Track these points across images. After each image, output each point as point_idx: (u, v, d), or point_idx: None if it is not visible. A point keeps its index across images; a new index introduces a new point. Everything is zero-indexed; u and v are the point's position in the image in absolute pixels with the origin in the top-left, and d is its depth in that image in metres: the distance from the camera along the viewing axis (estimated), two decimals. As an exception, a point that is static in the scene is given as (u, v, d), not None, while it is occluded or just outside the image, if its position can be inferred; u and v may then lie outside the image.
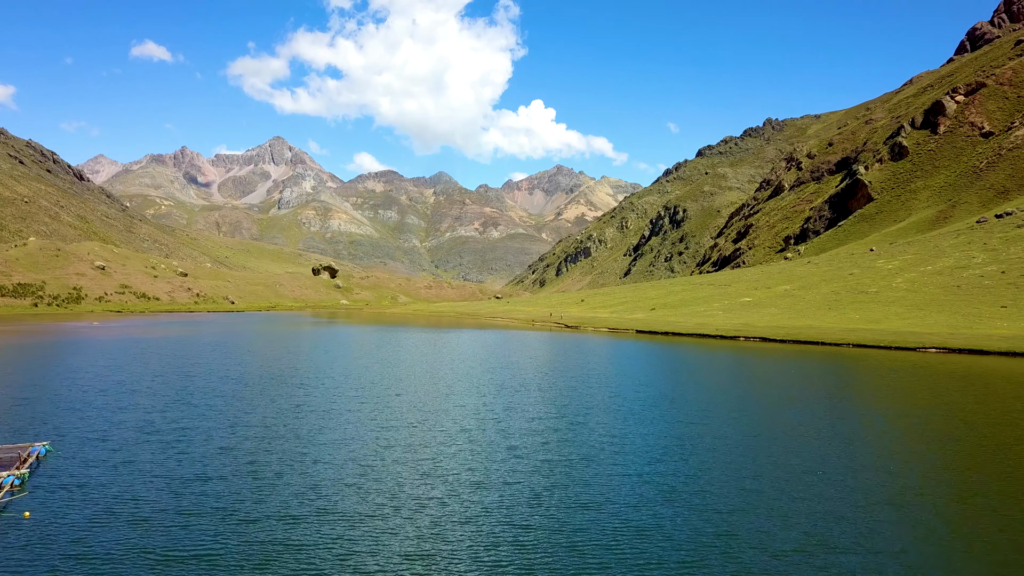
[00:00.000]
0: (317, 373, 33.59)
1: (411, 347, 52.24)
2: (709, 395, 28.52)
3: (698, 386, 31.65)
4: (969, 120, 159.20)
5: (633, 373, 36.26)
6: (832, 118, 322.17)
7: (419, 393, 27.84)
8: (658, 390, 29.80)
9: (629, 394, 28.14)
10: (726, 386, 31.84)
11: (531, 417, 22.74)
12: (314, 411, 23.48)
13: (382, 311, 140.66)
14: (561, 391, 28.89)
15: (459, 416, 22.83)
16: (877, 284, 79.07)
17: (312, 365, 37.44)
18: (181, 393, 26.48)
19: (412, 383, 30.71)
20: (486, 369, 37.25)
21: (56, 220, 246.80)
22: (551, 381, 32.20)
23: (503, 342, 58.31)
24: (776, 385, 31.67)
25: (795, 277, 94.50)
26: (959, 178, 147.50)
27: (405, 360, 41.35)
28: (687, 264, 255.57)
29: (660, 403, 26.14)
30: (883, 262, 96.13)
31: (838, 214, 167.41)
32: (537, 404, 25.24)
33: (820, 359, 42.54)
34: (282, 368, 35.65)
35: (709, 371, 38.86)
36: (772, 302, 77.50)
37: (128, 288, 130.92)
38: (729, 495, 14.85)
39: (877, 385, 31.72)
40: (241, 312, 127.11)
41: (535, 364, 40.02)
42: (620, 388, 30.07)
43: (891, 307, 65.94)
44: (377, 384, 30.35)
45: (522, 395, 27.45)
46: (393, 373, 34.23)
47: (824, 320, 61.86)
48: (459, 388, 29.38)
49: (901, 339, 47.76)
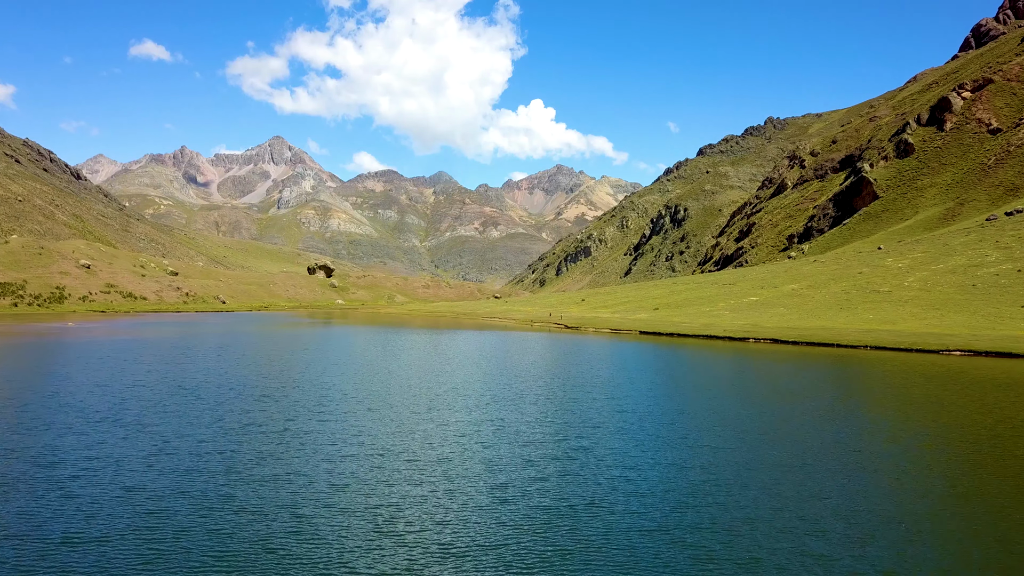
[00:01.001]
0: (282, 383, 29.59)
1: (397, 351, 48.14)
2: (730, 409, 24.62)
3: (715, 397, 27.77)
4: (976, 116, 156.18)
5: (641, 381, 32.43)
6: (834, 116, 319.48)
7: (396, 408, 23.92)
8: (672, 403, 26.05)
9: (639, 408, 24.39)
10: (747, 396, 28.00)
11: (525, 441, 18.96)
12: (263, 432, 19.47)
13: (377, 311, 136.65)
14: (561, 405, 25.16)
15: (438, 440, 19.01)
16: (888, 283, 75.84)
17: (278, 374, 33.31)
18: (114, 409, 22.49)
19: (390, 395, 26.84)
20: (476, 377, 33.32)
21: (50, 219, 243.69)
22: (549, 391, 28.48)
23: (498, 345, 54.40)
24: (804, 396, 27.66)
25: (802, 276, 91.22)
26: (967, 175, 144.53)
27: (386, 367, 37.26)
28: (688, 263, 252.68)
29: (676, 420, 22.36)
30: (892, 260, 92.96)
31: (843, 212, 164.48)
32: (533, 423, 21.48)
33: (840, 364, 38.82)
34: (244, 376, 31.56)
35: (723, 378, 34.98)
36: (780, 302, 74.20)
37: (114, 287, 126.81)
38: (786, 559, 10.91)
39: (919, 397, 27.59)
40: (231, 312, 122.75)
41: (532, 371, 36.26)
42: (628, 400, 26.33)
43: (905, 307, 62.67)
44: (348, 396, 26.35)
45: (516, 410, 23.71)
46: (369, 383, 30.19)
47: (836, 320, 58.56)
48: (443, 402, 25.50)
49: (921, 341, 44.44)
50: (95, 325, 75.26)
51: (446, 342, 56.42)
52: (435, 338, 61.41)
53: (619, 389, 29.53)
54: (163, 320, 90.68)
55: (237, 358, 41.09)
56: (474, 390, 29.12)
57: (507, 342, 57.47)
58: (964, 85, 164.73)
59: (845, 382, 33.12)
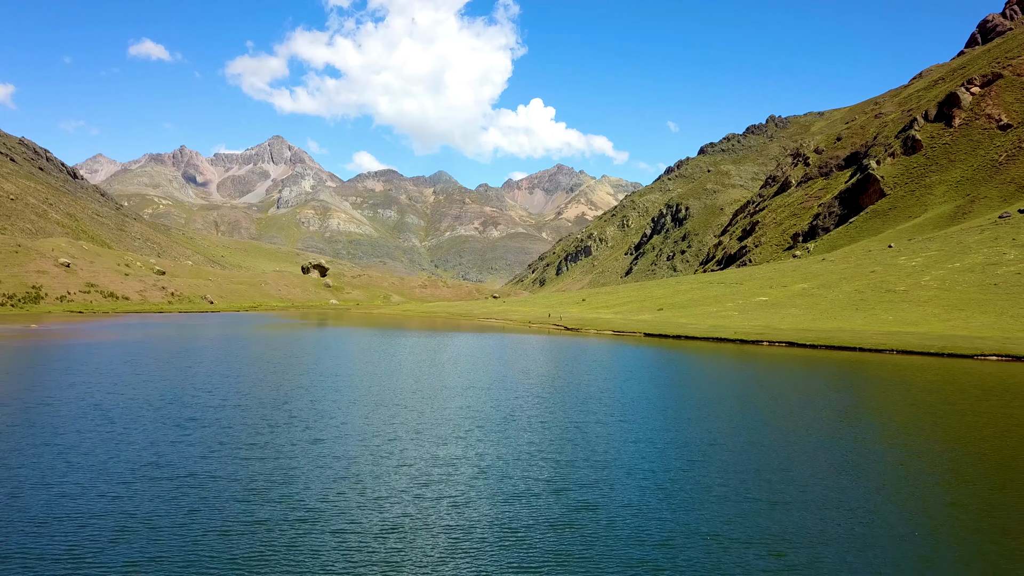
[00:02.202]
0: (231, 397, 24.93)
1: (378, 357, 43.16)
2: (772, 440, 19.41)
3: (748, 420, 22.68)
4: (986, 112, 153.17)
5: (653, 396, 27.89)
6: (836, 115, 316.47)
7: (356, 439, 18.73)
8: (698, 429, 20.79)
9: (657, 437, 19.74)
10: (786, 418, 22.55)
11: (509, 495, 13.77)
12: (185, 458, 16.02)
13: (370, 312, 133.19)
14: (559, 433, 20.30)
15: (400, 500, 13.89)
16: (904, 282, 72.77)
17: (232, 385, 28.64)
18: (11, 426, 19.36)
19: (353, 422, 21.61)
20: (457, 393, 28.29)
21: (43, 218, 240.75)
22: (545, 412, 23.61)
23: (490, 350, 49.72)
24: (857, 421, 22.46)
25: (812, 275, 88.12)
26: (976, 172, 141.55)
27: (359, 380, 32.11)
28: (690, 263, 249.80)
29: (707, 456, 17.09)
30: (905, 259, 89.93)
31: (849, 210, 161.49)
32: (522, 463, 16.34)
33: (870, 371, 35.30)
34: (189, 389, 27.08)
35: (749, 392, 29.48)
36: (791, 302, 71.09)
37: (94, 287, 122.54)
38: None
39: (1000, 419, 22.73)
40: (217, 313, 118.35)
41: (525, 383, 31.38)
42: (642, 425, 21.51)
43: (925, 307, 59.57)
44: (297, 421, 21.28)
45: (501, 443, 18.96)
46: (333, 403, 25.32)
47: (853, 322, 55.46)
48: (412, 429, 20.50)
49: (952, 344, 41.33)
50: (61, 327, 71.31)
51: (432, 347, 51.76)
52: (422, 342, 56.92)
53: (630, 409, 24.60)
54: (138, 322, 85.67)
55: (186, 366, 36.18)
56: (452, 411, 23.70)
57: (501, 346, 53.42)
58: (973, 80, 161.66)
59: (886, 394, 28.07)
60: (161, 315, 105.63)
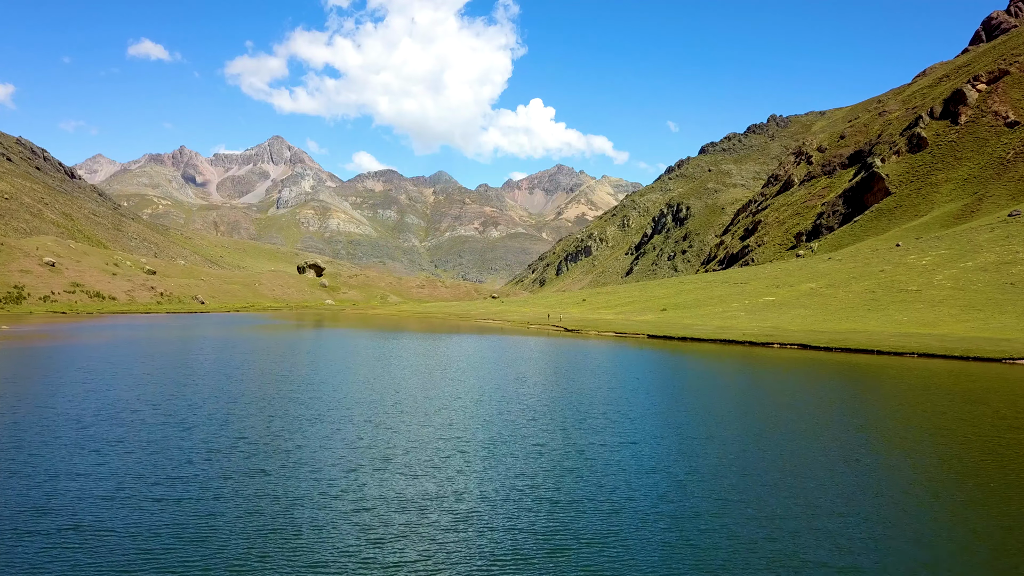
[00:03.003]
0: (177, 413, 21.64)
1: (360, 363, 39.94)
2: (815, 466, 16.20)
3: (775, 436, 19.62)
4: (992, 109, 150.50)
5: (664, 409, 24.45)
6: (838, 114, 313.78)
7: (308, 471, 15.81)
8: (720, 453, 17.44)
9: (676, 466, 16.22)
10: (826, 436, 19.71)
11: (498, 554, 11.43)
12: (80, 501, 13.08)
13: (365, 312, 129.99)
14: (559, 460, 16.86)
15: (344, 568, 10.91)
16: (916, 282, 69.91)
17: (185, 397, 25.26)
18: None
19: (310, 446, 18.23)
20: (446, 406, 24.73)
21: (38, 217, 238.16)
22: (543, 433, 20.15)
23: (486, 354, 46.59)
24: (910, 442, 18.97)
25: (819, 274, 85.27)
26: (984, 170, 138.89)
27: (332, 390, 28.29)
28: (691, 263, 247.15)
29: (741, 493, 14.35)
30: (915, 258, 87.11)
31: (853, 209, 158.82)
32: (515, 507, 13.57)
33: (898, 378, 32.07)
34: (133, 402, 23.80)
35: (770, 402, 26.82)
36: (799, 302, 68.21)
37: (79, 286, 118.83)
38: None
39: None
40: (206, 313, 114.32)
41: (521, 393, 28.09)
42: (657, 449, 18.02)
43: (941, 308, 56.70)
44: (244, 445, 18.19)
45: (491, 476, 15.57)
46: (294, 420, 21.59)
47: (867, 323, 52.58)
48: (379, 456, 17.17)
49: (975, 347, 38.45)
50: (32, 328, 67.91)
51: (422, 351, 48.43)
52: (411, 345, 53.56)
53: (639, 426, 21.20)
54: (119, 323, 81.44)
55: (139, 375, 32.26)
56: (432, 431, 20.20)
57: (496, 349, 50.40)
58: (979, 77, 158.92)
59: (946, 414, 23.83)
60: (147, 316, 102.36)
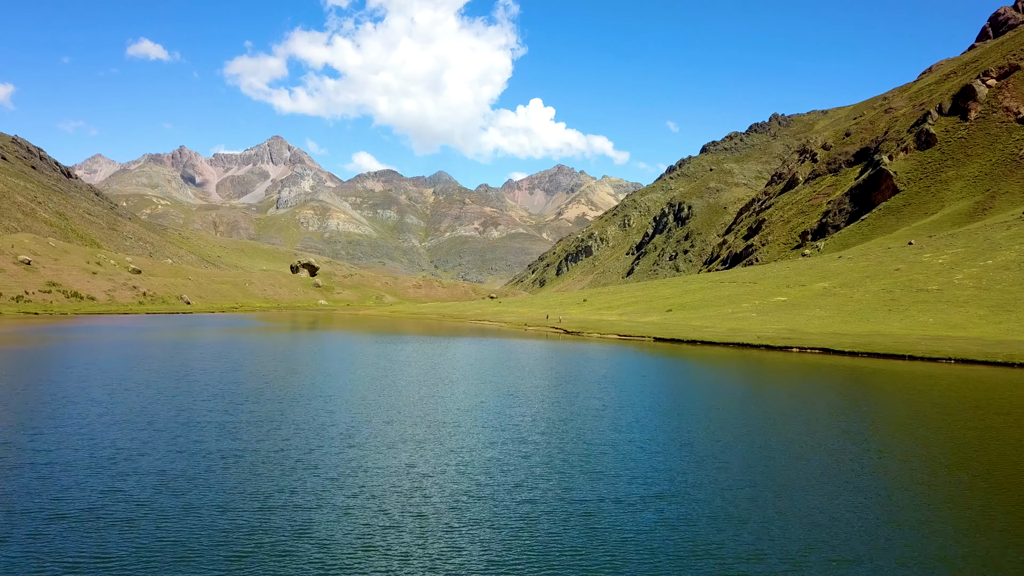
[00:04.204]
0: (70, 439, 17.78)
1: (328, 374, 34.74)
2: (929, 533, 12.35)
3: (838, 483, 15.16)
4: (1003, 105, 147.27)
5: (693, 438, 19.49)
6: (840, 113, 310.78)
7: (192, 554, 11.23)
8: (787, 527, 12.35)
9: (725, 545, 11.58)
10: (907, 480, 15.49)
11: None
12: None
13: (357, 313, 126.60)
14: (561, 528, 12.43)
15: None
16: (936, 281, 66.65)
17: (96, 415, 21.32)
18: None
19: (205, 510, 13.26)
20: (411, 437, 19.78)
21: (30, 216, 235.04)
22: (534, 481, 15.23)
23: (476, 361, 41.63)
24: (1000, 479, 15.68)
25: (831, 273, 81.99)
26: (995, 167, 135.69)
27: (275, 413, 23.30)
28: (693, 263, 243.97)
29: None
30: (930, 256, 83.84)
31: (860, 207, 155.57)
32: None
33: (947, 388, 28.25)
34: (27, 422, 19.82)
35: (817, 425, 21.79)
36: (813, 302, 64.93)
37: (56, 286, 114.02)
38: None
39: None
40: (190, 314, 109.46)
41: (509, 416, 23.08)
42: (693, 510, 13.32)
43: (967, 308, 53.44)
44: (132, 492, 13.94)
45: (458, 565, 10.99)
46: (213, 457, 17.09)
47: (890, 325, 49.31)
48: (297, 527, 12.38)
49: (1019, 352, 35.19)
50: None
51: (404, 358, 43.29)
52: (395, 351, 48.75)
53: (662, 469, 16.15)
54: (89, 325, 75.95)
55: (37, 394, 26.24)
56: (386, 481, 15.12)
57: (488, 355, 45.65)
58: (989, 72, 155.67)
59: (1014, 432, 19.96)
60: (126, 317, 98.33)
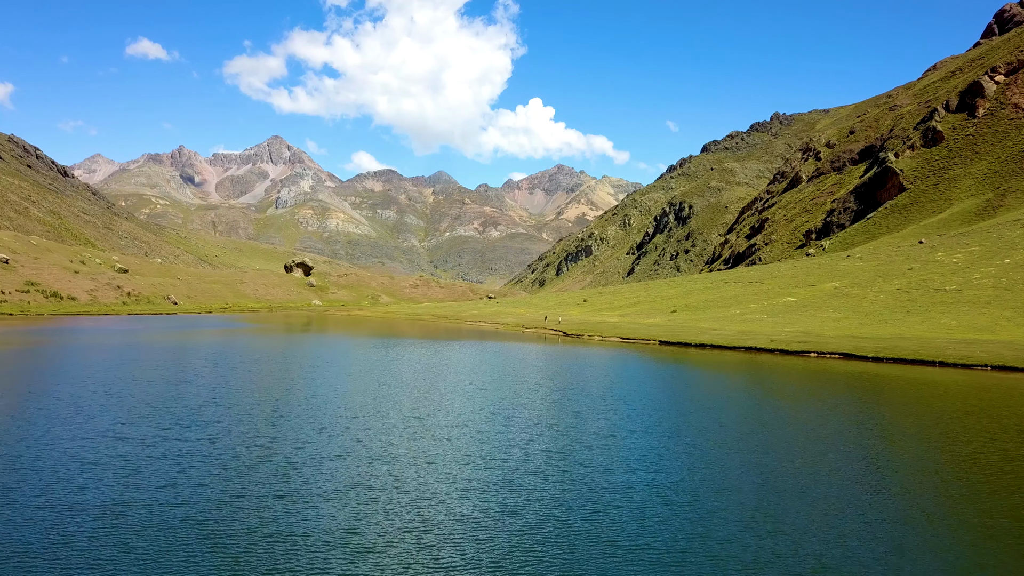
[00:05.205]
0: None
1: (291, 386, 30.14)
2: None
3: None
4: (1012, 101, 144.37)
5: (720, 471, 15.98)
6: (842, 112, 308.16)
7: None
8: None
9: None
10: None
11: None
12: None
13: (350, 313, 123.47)
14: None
15: None
16: (952, 280, 63.73)
17: (54, 430, 19.42)
18: None
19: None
20: (365, 478, 16.00)
21: (23, 215, 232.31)
22: (524, 556, 11.30)
23: (465, 369, 36.91)
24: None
25: (840, 273, 79.05)
26: (1005, 164, 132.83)
27: (202, 445, 19.09)
28: (694, 262, 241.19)
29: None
30: (943, 255, 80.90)
31: (865, 206, 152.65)
32: None
33: (996, 401, 24.94)
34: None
35: (873, 449, 18.22)
36: (825, 302, 62.01)
37: (35, 285, 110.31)
38: None
39: None
40: (175, 315, 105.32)
41: (495, 445, 19.01)
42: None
43: (991, 310, 50.51)
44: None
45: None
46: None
47: (911, 327, 46.38)
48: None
49: (1058, 358, 32.34)
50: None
51: (385, 365, 38.85)
52: (377, 357, 44.33)
53: (689, 518, 12.83)
54: (59, 327, 72.10)
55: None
56: (332, 537, 12.11)
57: (480, 362, 40.97)
58: (997, 68, 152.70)
59: None
60: (106, 318, 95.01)
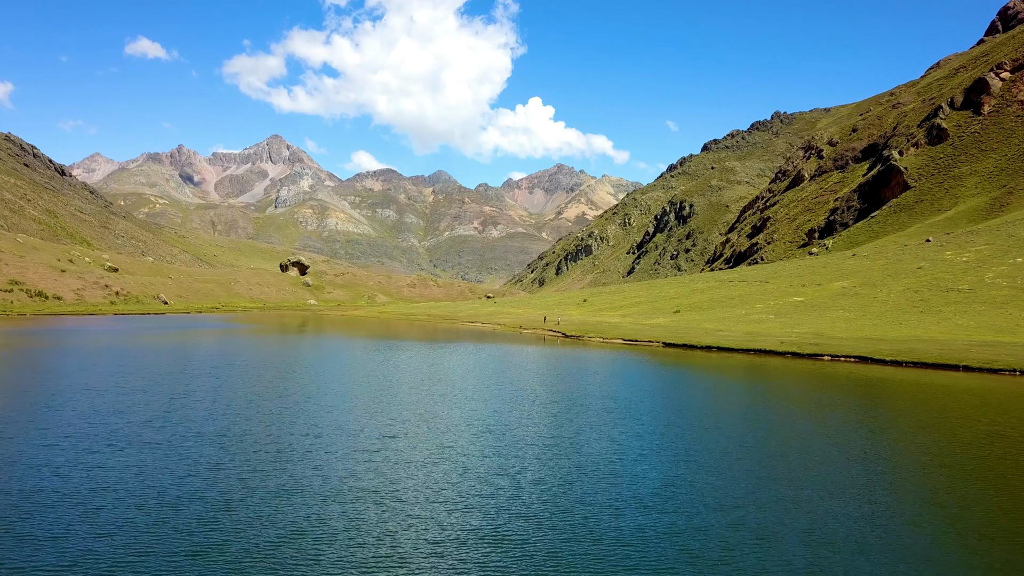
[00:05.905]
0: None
1: (255, 399, 27.16)
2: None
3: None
4: (1018, 99, 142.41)
5: (755, 512, 13.47)
6: (844, 111, 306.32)
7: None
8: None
9: None
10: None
11: None
12: None
13: (344, 313, 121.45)
14: None
15: None
16: (964, 280, 61.70)
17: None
18: None
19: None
20: (320, 517, 13.35)
21: (18, 214, 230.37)
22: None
23: (455, 376, 33.75)
24: None
25: (847, 272, 77.03)
26: (1011, 162, 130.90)
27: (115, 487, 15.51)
28: (695, 262, 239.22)
29: None
30: (952, 254, 78.88)
31: (869, 204, 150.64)
32: None
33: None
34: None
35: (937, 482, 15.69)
36: (833, 302, 59.99)
37: (18, 284, 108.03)
38: None
39: None
40: (164, 315, 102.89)
41: (483, 474, 16.47)
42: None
43: (1008, 310, 48.50)
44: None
45: None
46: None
47: (926, 328, 44.36)
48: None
49: (1088, 362, 30.28)
50: None
51: (369, 370, 35.66)
52: (362, 360, 41.70)
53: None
54: (36, 327, 69.75)
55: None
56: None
57: (472, 367, 38.00)
58: (1002, 65, 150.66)
59: None
60: (92, 318, 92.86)
